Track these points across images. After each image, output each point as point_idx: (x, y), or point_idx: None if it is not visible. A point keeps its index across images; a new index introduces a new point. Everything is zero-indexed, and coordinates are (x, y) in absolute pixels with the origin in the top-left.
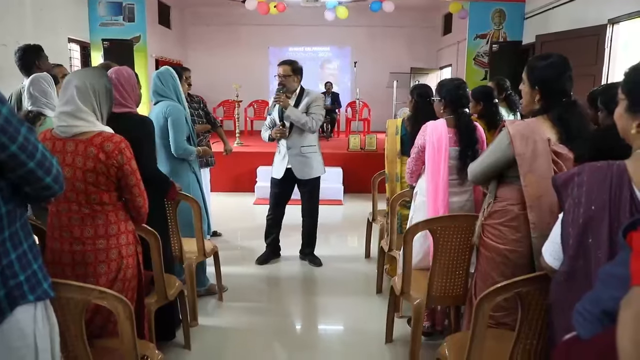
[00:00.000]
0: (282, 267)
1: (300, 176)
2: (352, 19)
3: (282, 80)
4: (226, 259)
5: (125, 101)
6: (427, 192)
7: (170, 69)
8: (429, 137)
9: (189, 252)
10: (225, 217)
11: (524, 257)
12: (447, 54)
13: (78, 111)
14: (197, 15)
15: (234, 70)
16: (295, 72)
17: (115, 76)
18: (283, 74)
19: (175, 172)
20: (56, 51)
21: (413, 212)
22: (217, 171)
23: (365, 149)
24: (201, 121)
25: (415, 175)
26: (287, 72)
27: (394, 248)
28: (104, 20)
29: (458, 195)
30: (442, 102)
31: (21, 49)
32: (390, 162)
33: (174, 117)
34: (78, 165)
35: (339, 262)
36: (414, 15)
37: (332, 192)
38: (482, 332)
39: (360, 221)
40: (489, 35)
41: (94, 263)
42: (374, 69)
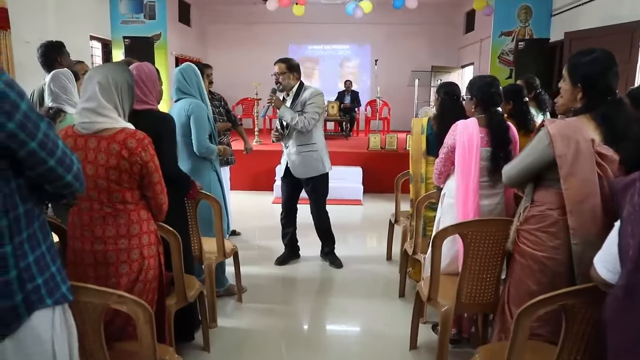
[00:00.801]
0: (301, 268)
1: (297, 175)
2: (372, 16)
3: (278, 79)
4: (245, 258)
5: (147, 98)
6: (456, 194)
7: (192, 65)
8: (459, 137)
9: (209, 252)
10: (244, 216)
11: (562, 265)
12: (469, 52)
13: (100, 107)
14: (216, 14)
15: (253, 68)
16: (291, 70)
17: (136, 72)
18: (279, 71)
19: (197, 170)
20: (78, 48)
21: (440, 215)
22: (236, 169)
23: (385, 148)
24: (222, 119)
25: (443, 176)
26: (282, 70)
27: (418, 251)
28: (125, 17)
29: (488, 198)
30: (474, 100)
31: (43, 45)
32: (415, 162)
33: (196, 114)
34: (100, 163)
35: (359, 264)
36: (435, 12)
37: (351, 192)
38: (522, 346)
39: (381, 222)
40: (514, 32)
41: (116, 263)
42: (393, 67)
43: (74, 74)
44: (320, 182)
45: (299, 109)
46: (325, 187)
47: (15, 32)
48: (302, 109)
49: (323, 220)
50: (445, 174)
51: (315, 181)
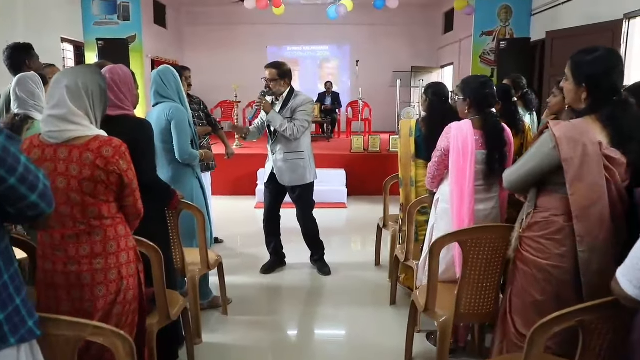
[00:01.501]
0: (287, 276)
1: (283, 182)
2: (352, 17)
3: (268, 84)
4: (229, 267)
5: (122, 103)
6: (451, 199)
7: (171, 68)
8: (453, 140)
9: (192, 263)
10: (226, 223)
11: (568, 274)
12: (448, 52)
13: (70, 114)
14: (193, 15)
15: (232, 70)
16: (282, 76)
17: (109, 75)
18: (269, 77)
19: (178, 178)
20: (49, 51)
21: (434, 220)
22: (217, 174)
23: (368, 150)
24: (202, 123)
25: (437, 180)
26: (273, 76)
27: (410, 258)
28: (98, 19)
29: (484, 202)
30: (467, 101)
31: (10, 48)
32: (404, 165)
33: (177, 119)
34: (73, 174)
35: (348, 270)
36: (414, 13)
37: (335, 195)
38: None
39: (366, 225)
40: (495, 32)
41: (91, 285)
42: (374, 68)
43: (42, 77)
44: (306, 190)
45: (288, 115)
46: (311, 195)
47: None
48: (291, 115)
49: (311, 228)
50: (438, 178)
51: (302, 189)
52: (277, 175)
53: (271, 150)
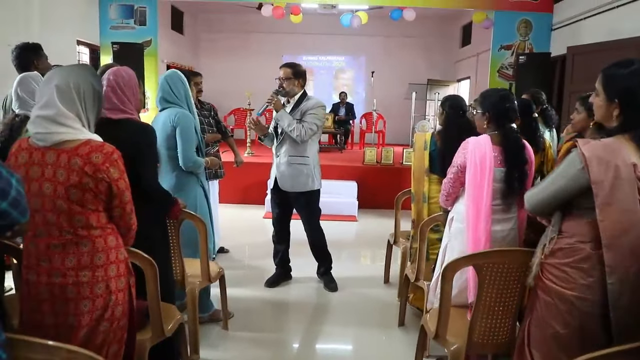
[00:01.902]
0: (293, 291)
1: (284, 187)
2: (368, 28)
3: (282, 83)
4: (233, 279)
5: (124, 106)
6: (466, 218)
7: (179, 72)
8: (470, 156)
9: (193, 275)
10: (233, 232)
11: (595, 307)
12: (465, 65)
13: (60, 115)
14: (210, 22)
15: (246, 78)
16: (296, 76)
17: (112, 77)
18: (284, 76)
19: (182, 185)
20: (64, 53)
21: (448, 240)
22: (226, 182)
23: (381, 162)
24: (211, 130)
25: (451, 198)
26: (287, 75)
27: (421, 278)
28: (114, 23)
29: (501, 222)
30: (486, 115)
31: (18, 47)
32: (417, 180)
33: (183, 125)
34: (60, 180)
35: (355, 287)
36: (431, 25)
37: (346, 208)
38: None
39: (376, 240)
40: (514, 46)
41: (76, 299)
42: (389, 79)
43: None
44: (310, 199)
45: (297, 117)
46: (315, 204)
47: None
48: (301, 117)
49: (317, 239)
50: (453, 195)
51: (305, 197)
52: (278, 180)
53: (275, 152)
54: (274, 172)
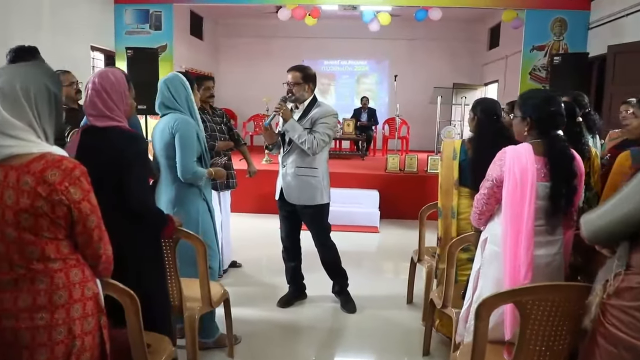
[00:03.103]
0: (307, 312)
1: (290, 199)
2: (391, 31)
3: (291, 89)
4: (243, 297)
5: (111, 112)
6: (503, 241)
7: (179, 75)
8: (509, 168)
9: (193, 299)
10: (247, 244)
11: None
12: (493, 69)
13: (5, 125)
14: (230, 27)
15: (267, 83)
16: (306, 80)
17: (98, 80)
18: (292, 81)
19: (183, 198)
20: (77, 60)
21: (480, 264)
22: (241, 190)
23: (405, 170)
24: (223, 137)
25: (485, 217)
26: (297, 80)
27: (449, 305)
28: (130, 28)
29: (545, 246)
30: (527, 121)
31: (13, 51)
32: (445, 192)
33: (182, 132)
34: (7, 204)
35: (376, 307)
36: (456, 28)
37: (367, 218)
38: None
39: (399, 253)
40: (547, 46)
41: (31, 347)
42: (413, 84)
43: None
44: (318, 214)
45: (307, 126)
46: (324, 219)
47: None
48: (310, 127)
49: (329, 255)
50: (487, 214)
51: (312, 211)
52: (284, 191)
53: (282, 162)
54: (279, 182)
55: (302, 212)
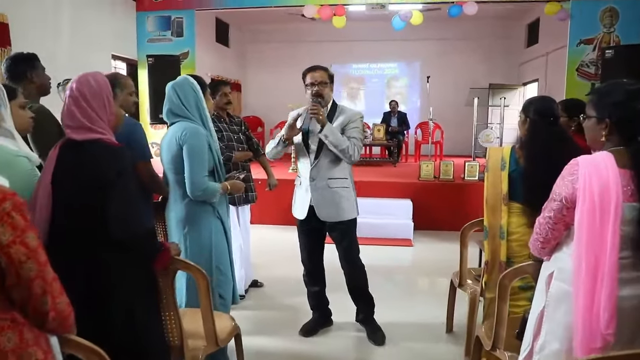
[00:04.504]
0: (332, 342)
1: (325, 217)
2: (422, 32)
3: (318, 90)
4: (263, 324)
5: (92, 123)
6: (575, 276)
7: (189, 78)
8: (584, 185)
9: (197, 336)
10: (269, 260)
11: None
12: (532, 67)
13: None
14: (256, 33)
15: (294, 89)
16: (331, 80)
17: (76, 86)
18: (320, 80)
19: (194, 218)
20: (98, 69)
21: (545, 305)
22: (266, 200)
23: (439, 177)
24: (241, 147)
25: (550, 245)
26: (324, 79)
27: (500, 347)
28: (152, 35)
29: (631, 284)
30: (605, 123)
31: (9, 58)
32: (492, 209)
33: (191, 144)
34: None
35: (409, 338)
36: (491, 25)
37: (399, 230)
38: None
39: (436, 270)
40: (596, 39)
41: None
42: (446, 85)
43: (43, 88)
44: (351, 229)
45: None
46: (355, 235)
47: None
48: (341, 131)
49: (358, 277)
50: (553, 242)
51: (345, 227)
52: (317, 209)
53: (311, 176)
54: (303, 198)
55: (334, 229)
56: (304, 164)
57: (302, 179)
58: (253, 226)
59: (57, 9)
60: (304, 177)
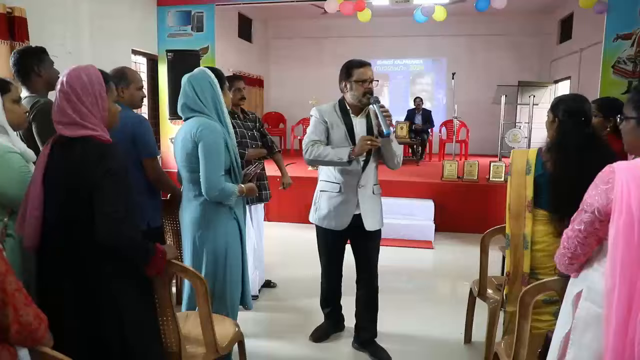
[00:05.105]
0: (343, 349)
1: (370, 226)
2: (448, 27)
3: (371, 88)
4: (273, 327)
5: (84, 119)
6: (608, 298)
7: (206, 70)
8: (620, 195)
9: (196, 341)
10: (282, 259)
11: None
12: (564, 64)
13: None
14: (279, 29)
15: (317, 85)
16: None
17: (66, 80)
18: (372, 77)
19: (209, 219)
20: (118, 64)
21: (572, 327)
22: (283, 197)
23: (463, 178)
24: (255, 144)
25: (579, 261)
26: (373, 77)
27: None
28: (172, 31)
29: None
30: None
31: (17, 52)
32: (515, 216)
33: (207, 141)
34: None
35: (426, 346)
36: (521, 21)
37: (420, 232)
38: None
39: (457, 274)
40: (635, 35)
41: None
42: (473, 83)
43: (52, 83)
44: (380, 237)
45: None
46: None
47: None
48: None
49: (375, 290)
50: (583, 258)
51: (378, 235)
52: (365, 217)
53: (360, 183)
54: (348, 208)
55: (369, 238)
56: (347, 169)
57: (342, 186)
58: (268, 224)
59: (77, 4)
60: (347, 184)
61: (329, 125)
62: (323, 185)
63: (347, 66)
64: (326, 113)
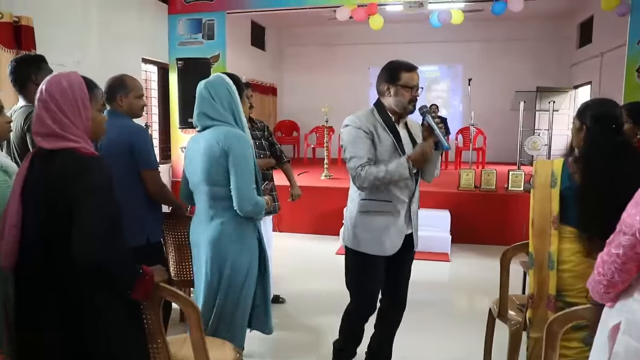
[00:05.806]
0: None
1: (417, 244)
2: (464, 33)
3: (417, 95)
4: (280, 346)
5: (64, 130)
6: None
7: (224, 77)
8: None
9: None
10: (293, 272)
11: None
12: (584, 69)
13: None
14: (293, 36)
15: (331, 93)
16: None
17: (45, 88)
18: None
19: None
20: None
21: None
22: (294, 207)
23: (481, 187)
24: (263, 154)
25: (617, 289)
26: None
27: None
28: (183, 39)
29: None
30: None
31: (14, 60)
32: (539, 233)
33: (237, 152)
34: None
35: None
36: (539, 25)
37: (435, 243)
38: None
39: (474, 289)
40: None
41: None
42: (490, 89)
43: None
44: None
45: None
46: None
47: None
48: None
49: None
50: (621, 286)
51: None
52: (414, 237)
53: (412, 201)
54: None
55: (411, 258)
56: (400, 184)
57: (397, 205)
58: (279, 234)
59: (86, 12)
60: (399, 201)
61: (374, 136)
62: (366, 205)
63: (394, 67)
64: (369, 123)
